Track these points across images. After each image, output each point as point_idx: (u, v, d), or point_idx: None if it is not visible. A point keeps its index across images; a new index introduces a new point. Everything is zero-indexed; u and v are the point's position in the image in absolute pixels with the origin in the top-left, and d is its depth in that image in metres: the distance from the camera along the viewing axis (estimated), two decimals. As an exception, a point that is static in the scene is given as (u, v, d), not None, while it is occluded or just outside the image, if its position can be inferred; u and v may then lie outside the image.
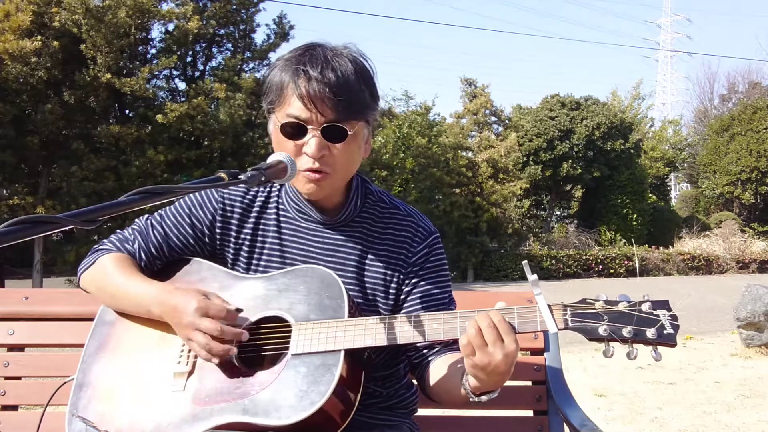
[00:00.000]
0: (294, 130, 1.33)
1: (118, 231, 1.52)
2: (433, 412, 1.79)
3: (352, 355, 1.30)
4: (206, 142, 11.83)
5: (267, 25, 13.21)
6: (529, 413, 1.81)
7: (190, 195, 1.49)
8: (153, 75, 11.94)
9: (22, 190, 11.40)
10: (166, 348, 1.39)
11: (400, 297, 1.46)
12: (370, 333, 1.29)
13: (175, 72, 12.86)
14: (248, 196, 1.49)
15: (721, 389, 5.32)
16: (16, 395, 1.79)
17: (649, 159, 25.09)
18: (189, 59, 12.88)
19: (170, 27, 12.22)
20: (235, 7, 12.59)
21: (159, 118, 10.81)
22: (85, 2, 10.40)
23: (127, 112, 12.44)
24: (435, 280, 1.48)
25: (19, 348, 1.84)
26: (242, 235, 1.47)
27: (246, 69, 13.01)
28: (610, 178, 21.57)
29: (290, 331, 1.32)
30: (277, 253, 1.46)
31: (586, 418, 1.60)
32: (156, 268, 1.49)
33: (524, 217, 20.39)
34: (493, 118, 19.88)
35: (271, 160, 1.25)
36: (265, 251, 1.46)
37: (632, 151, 22.21)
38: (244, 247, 1.47)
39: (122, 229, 1.53)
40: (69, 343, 1.82)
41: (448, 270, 1.53)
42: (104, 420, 1.34)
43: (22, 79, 10.30)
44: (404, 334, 1.29)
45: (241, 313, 1.37)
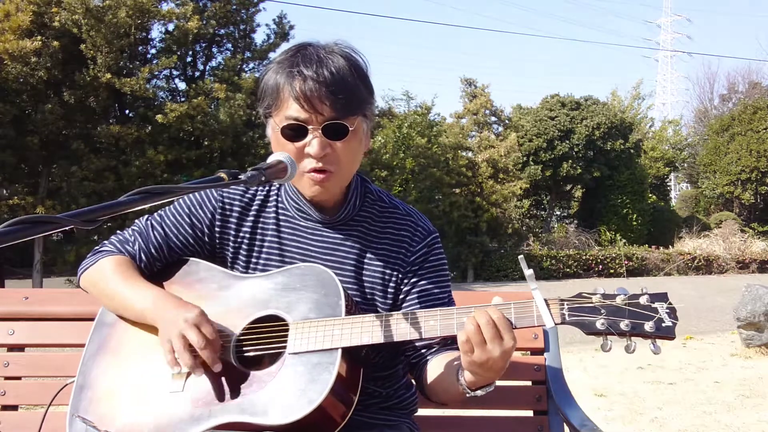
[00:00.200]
0: (294, 132, 1.33)
1: (119, 232, 1.53)
2: (433, 412, 1.79)
3: (349, 353, 1.29)
4: (206, 142, 11.81)
5: (267, 25, 13.21)
6: (529, 413, 1.81)
7: (190, 195, 1.49)
8: (153, 75, 11.93)
9: (22, 190, 11.38)
10: (166, 349, 1.39)
11: (398, 296, 1.46)
12: (366, 331, 1.29)
13: (175, 72, 12.85)
14: (247, 195, 1.49)
15: (721, 389, 5.31)
16: (16, 395, 1.79)
17: (649, 159, 25.06)
18: (189, 59, 12.87)
19: (170, 27, 12.22)
20: (235, 7, 12.58)
21: (159, 118, 10.80)
22: (85, 2, 10.39)
23: (127, 112, 12.43)
24: (434, 279, 1.47)
25: (19, 348, 1.84)
26: (241, 233, 1.47)
27: (246, 69, 13.00)
28: (610, 178, 21.54)
29: (288, 330, 1.32)
30: (276, 251, 1.46)
31: (586, 418, 1.60)
32: (156, 269, 1.50)
33: (524, 217, 20.38)
34: (493, 118, 19.86)
35: (271, 160, 1.25)
36: (264, 250, 1.46)
37: (632, 151, 22.17)
38: (243, 246, 1.47)
39: (122, 229, 1.53)
40: (69, 343, 1.82)
41: (447, 270, 1.52)
42: (104, 421, 1.34)
43: (22, 79, 10.29)
44: (401, 331, 1.29)
45: (238, 313, 1.37)
